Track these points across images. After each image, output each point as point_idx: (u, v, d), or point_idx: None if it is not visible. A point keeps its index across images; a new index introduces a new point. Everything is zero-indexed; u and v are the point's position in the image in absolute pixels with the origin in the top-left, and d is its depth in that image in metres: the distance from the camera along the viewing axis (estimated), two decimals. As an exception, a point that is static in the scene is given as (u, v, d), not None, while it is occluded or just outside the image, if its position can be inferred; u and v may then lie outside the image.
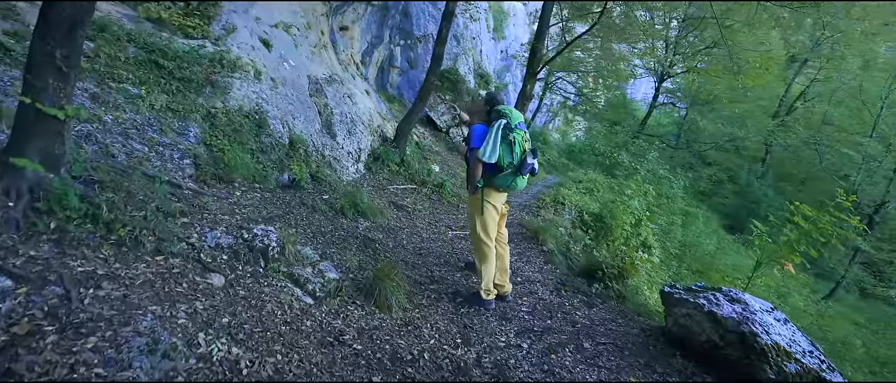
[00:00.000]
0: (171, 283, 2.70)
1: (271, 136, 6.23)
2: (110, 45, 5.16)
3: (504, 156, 3.64)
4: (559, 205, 8.28)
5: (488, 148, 3.60)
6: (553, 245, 5.99)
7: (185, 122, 5.26)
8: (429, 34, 14.77)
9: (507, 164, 3.65)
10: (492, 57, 19.96)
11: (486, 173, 3.76)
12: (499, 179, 3.70)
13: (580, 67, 17.62)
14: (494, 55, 20.59)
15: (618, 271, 4.75)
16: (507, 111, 3.74)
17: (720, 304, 3.05)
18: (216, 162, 5.05)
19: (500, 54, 21.88)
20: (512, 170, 3.66)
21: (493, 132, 3.62)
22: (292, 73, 7.64)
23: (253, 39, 7.07)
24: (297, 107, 7.22)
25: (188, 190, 4.18)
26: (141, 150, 4.36)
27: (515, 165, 3.65)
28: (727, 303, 3.05)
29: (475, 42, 17.09)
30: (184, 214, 3.46)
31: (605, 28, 13.46)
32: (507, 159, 3.65)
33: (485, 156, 3.59)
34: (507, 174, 3.68)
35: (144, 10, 6.28)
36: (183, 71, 5.57)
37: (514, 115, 3.73)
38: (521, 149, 3.68)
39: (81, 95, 4.34)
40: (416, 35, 14.04)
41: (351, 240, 4.74)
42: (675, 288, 3.47)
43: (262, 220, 4.14)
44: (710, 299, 3.13)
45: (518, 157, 3.67)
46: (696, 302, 3.15)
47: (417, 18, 13.89)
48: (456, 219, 7.00)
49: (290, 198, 5.39)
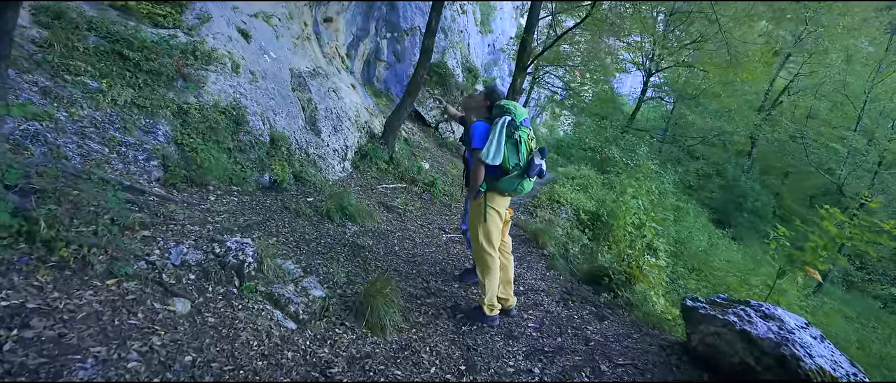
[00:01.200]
0: (124, 314, 2.24)
1: (251, 134, 5.72)
2: (67, 33, 4.59)
3: (509, 156, 3.23)
4: (556, 204, 7.92)
5: (492, 148, 3.18)
6: (553, 248, 5.62)
7: (153, 119, 4.73)
8: (416, 26, 14.24)
9: (512, 166, 3.24)
10: (480, 51, 19.52)
11: (489, 176, 3.35)
12: (503, 183, 3.29)
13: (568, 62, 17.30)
14: (482, 49, 20.14)
15: (625, 277, 4.41)
16: (511, 106, 3.32)
17: (753, 322, 2.71)
18: (188, 163, 4.54)
19: (488, 48, 21.45)
20: (518, 172, 3.26)
21: (497, 130, 3.21)
22: (273, 66, 7.10)
23: (230, 29, 6.52)
24: (278, 103, 6.70)
25: (154, 196, 3.68)
26: (100, 152, 3.84)
27: (522, 167, 3.25)
28: (761, 321, 2.70)
29: (463, 35, 16.62)
30: (145, 226, 2.98)
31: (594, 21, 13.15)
32: (513, 160, 3.24)
33: (488, 157, 3.17)
34: (512, 177, 3.27)
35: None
36: (151, 63, 5.02)
37: (519, 111, 3.32)
38: (527, 148, 3.27)
39: (29, 90, 3.80)
40: (404, 27, 13.50)
41: (338, 247, 4.29)
42: (698, 302, 3.11)
43: (239, 230, 3.67)
44: (741, 316, 2.78)
45: (524, 158, 3.26)
46: (726, 319, 2.80)
47: (404, 10, 13.36)
48: (449, 220, 6.58)
49: (271, 201, 4.91)
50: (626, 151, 13.51)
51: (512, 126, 3.24)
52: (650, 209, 6.90)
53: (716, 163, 18.34)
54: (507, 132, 3.23)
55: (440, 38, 15.20)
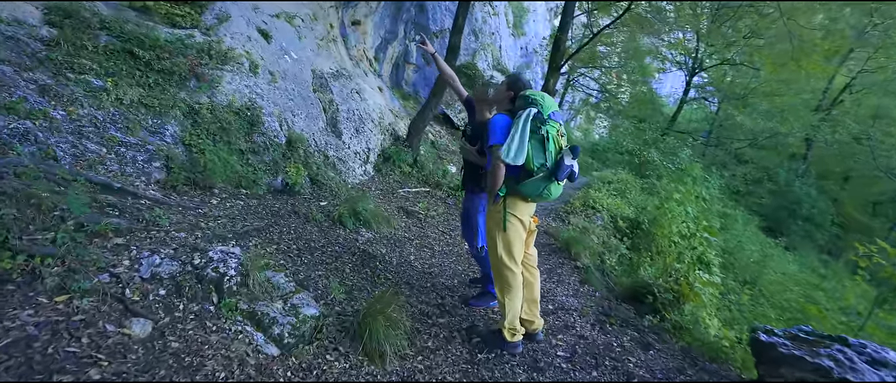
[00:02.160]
0: (64, 339, 1.86)
1: (265, 135, 5.42)
2: (77, 32, 4.41)
3: (533, 155, 2.69)
4: (590, 210, 7.25)
5: (513, 145, 2.66)
6: (588, 259, 4.99)
7: (161, 119, 4.48)
8: (446, 29, 13.82)
9: (537, 166, 2.70)
10: (512, 53, 18.92)
11: (510, 178, 2.83)
12: (526, 186, 2.76)
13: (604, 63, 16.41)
14: (514, 51, 19.53)
15: (673, 295, 3.75)
16: (538, 97, 2.79)
17: (858, 369, 2.05)
18: (194, 165, 4.25)
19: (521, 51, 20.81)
20: (544, 174, 2.72)
21: (520, 124, 2.68)
22: (294, 67, 6.82)
23: (250, 29, 6.28)
24: (298, 104, 6.40)
25: (146, 199, 3.37)
26: (96, 152, 3.58)
27: (549, 168, 2.70)
28: (868, 369, 2.04)
29: (494, 37, 16.10)
30: (120, 233, 2.63)
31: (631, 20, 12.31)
32: (538, 160, 2.70)
33: (509, 156, 2.65)
34: (537, 179, 2.72)
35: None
36: (163, 62, 4.79)
37: (548, 103, 2.78)
38: (556, 146, 2.73)
39: (26, 88, 3.58)
40: (433, 29, 13.13)
41: (346, 256, 3.86)
42: (774, 337, 2.45)
43: (234, 237, 3.29)
44: (839, 360, 2.12)
45: (552, 157, 2.71)
46: (818, 363, 2.14)
47: (433, 12, 13.00)
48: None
49: (280, 205, 4.55)
50: (667, 155, 12.55)
51: (538, 120, 2.70)
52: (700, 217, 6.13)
53: (766, 168, 16.89)
54: (531, 127, 2.69)
55: (470, 41, 14.75)
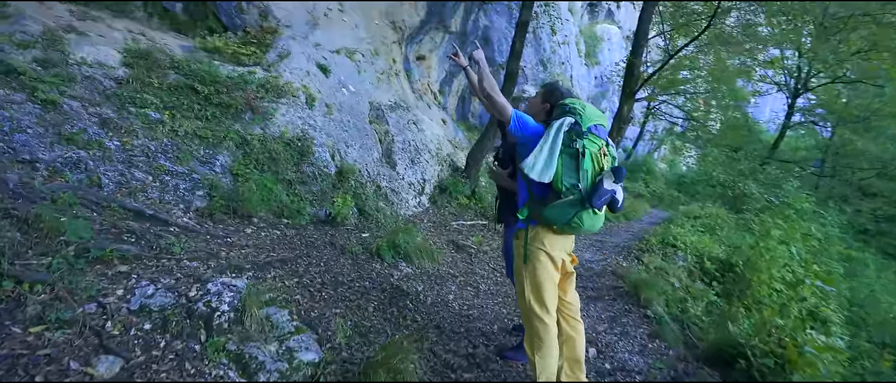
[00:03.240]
0: (15, 378, 1.68)
1: (315, 165, 5.39)
2: (148, 71, 4.73)
3: (563, 173, 2.18)
4: (669, 248, 6.29)
5: (541, 158, 2.16)
6: (662, 307, 4.17)
7: (213, 150, 4.59)
8: (513, 60, 13.59)
9: (567, 187, 2.18)
10: (585, 82, 18.16)
11: (535, 199, 2.33)
12: (552, 211, 2.23)
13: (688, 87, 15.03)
14: (588, 81, 18.75)
15: (774, 361, 2.89)
16: (578, 107, 2.29)
17: None
18: (237, 194, 4.24)
19: (595, 80, 19.95)
20: (575, 197, 2.18)
21: (551, 134, 2.19)
22: (351, 99, 6.88)
23: (309, 65, 6.45)
24: (352, 135, 6.39)
25: (176, 226, 3.33)
26: (141, 180, 3.66)
27: (582, 190, 2.18)
28: None
29: (564, 67, 15.53)
30: (126, 261, 2.53)
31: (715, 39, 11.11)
32: (569, 179, 2.17)
33: (533, 170, 2.15)
34: (565, 203, 2.18)
35: (201, 41, 5.96)
36: (221, 96, 4.98)
37: (589, 113, 2.27)
38: (595, 165, 2.20)
39: (88, 120, 3.81)
40: (499, 62, 12.92)
41: (375, 293, 3.52)
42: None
43: (251, 268, 3.10)
44: None
45: (588, 178, 2.17)
46: None
47: (499, 44, 12.85)
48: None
49: (318, 236, 4.38)
50: (768, 186, 10.89)
51: (574, 132, 2.20)
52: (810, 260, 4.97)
53: (901, 202, 14.04)
54: (565, 139, 2.19)
55: (538, 70, 14.34)
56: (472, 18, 11.78)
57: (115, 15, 5.68)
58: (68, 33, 4.69)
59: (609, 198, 2.19)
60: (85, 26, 5.01)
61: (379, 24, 8.81)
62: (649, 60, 13.52)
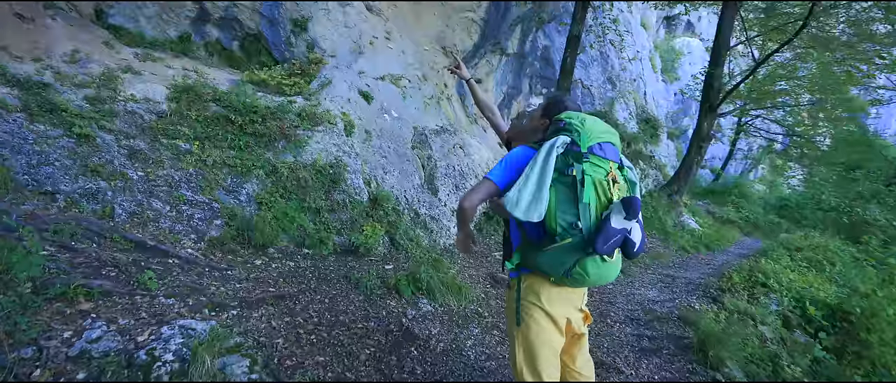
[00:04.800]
0: None
1: (346, 193, 5.18)
2: (189, 105, 4.88)
3: (557, 210, 1.62)
4: (759, 287, 5.14)
5: (525, 192, 1.62)
6: (739, 367, 3.24)
7: (241, 179, 4.55)
8: (577, 80, 12.82)
9: (563, 227, 1.62)
10: (662, 99, 16.69)
11: (529, 244, 1.78)
12: (546, 258, 1.67)
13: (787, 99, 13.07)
14: (665, 97, 17.23)
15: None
16: (575, 121, 1.73)
17: None
18: (257, 223, 4.10)
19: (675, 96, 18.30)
20: (575, 239, 1.61)
21: (539, 160, 1.65)
22: (393, 125, 6.69)
23: (351, 92, 6.38)
24: (391, 161, 6.15)
25: (177, 258, 3.20)
26: (157, 210, 3.63)
27: (583, 231, 1.60)
28: None
29: (636, 84, 14.37)
30: (91, 297, 2.36)
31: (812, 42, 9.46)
32: (566, 216, 1.61)
33: (517, 208, 1.63)
34: (561, 248, 1.63)
35: (249, 74, 6.16)
36: (255, 126, 4.99)
37: (590, 128, 1.69)
38: (600, 196, 1.62)
39: (119, 152, 3.91)
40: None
41: (376, 337, 3.09)
42: None
43: (238, 305, 2.84)
44: None
45: (591, 215, 1.61)
46: None
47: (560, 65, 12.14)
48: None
49: (335, 268, 4.08)
50: (899, 211, 8.87)
51: (571, 154, 1.65)
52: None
53: None
54: (558, 164, 1.65)
55: (606, 89, 13.36)
56: (530, 39, 11.29)
57: (175, 55, 6.05)
58: (125, 73, 4.99)
59: (619, 241, 1.58)
60: (143, 66, 5.34)
61: (428, 50, 8.67)
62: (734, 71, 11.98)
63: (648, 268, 6.40)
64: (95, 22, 5.76)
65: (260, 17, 6.60)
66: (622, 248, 1.65)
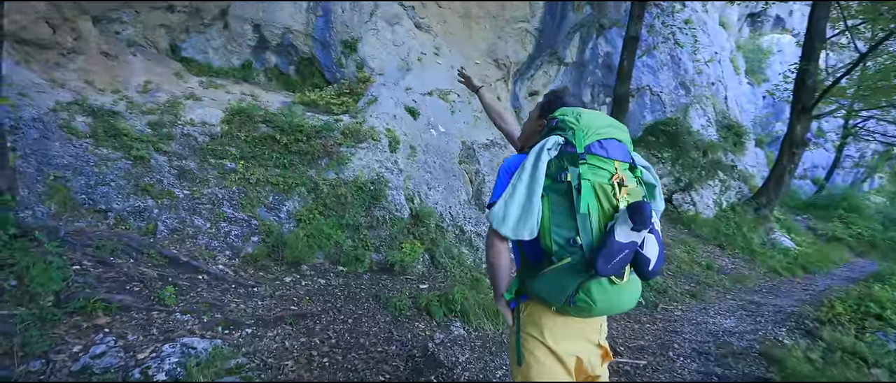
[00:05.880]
0: None
1: (386, 209, 5.09)
2: (240, 126, 5.11)
3: (552, 224, 1.32)
4: (868, 320, 4.22)
5: (513, 204, 1.35)
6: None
7: (283, 196, 4.64)
8: (644, 87, 11.96)
9: (560, 245, 1.30)
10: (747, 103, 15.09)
11: (527, 266, 1.48)
12: (543, 283, 1.36)
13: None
14: (752, 101, 15.56)
15: None
16: (570, 119, 1.40)
17: None
18: (290, 241, 4.12)
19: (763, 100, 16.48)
20: (574, 260, 1.29)
21: (527, 167, 1.37)
22: (440, 140, 6.57)
23: (397, 109, 6.37)
24: (436, 176, 6.00)
25: (207, 274, 3.25)
26: (197, 227, 3.76)
27: (584, 248, 1.28)
28: None
29: (715, 88, 13.10)
30: (109, 312, 2.41)
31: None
32: (562, 231, 1.30)
33: (504, 224, 1.36)
34: (559, 270, 1.31)
35: (300, 96, 6.38)
36: (300, 144, 5.11)
37: (587, 124, 1.37)
38: (602, 204, 1.29)
39: (169, 172, 4.14)
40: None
41: (394, 363, 2.88)
42: None
43: (255, 323, 2.78)
44: None
45: (593, 229, 1.28)
46: None
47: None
48: (634, 331, 4.18)
49: (367, 287, 3.96)
50: None
51: (565, 156, 1.35)
52: None
53: None
54: (551, 170, 1.35)
55: (679, 94, 12.29)
56: (590, 46, 10.73)
57: (236, 82, 6.45)
58: (187, 99, 5.37)
59: (627, 257, 1.25)
60: (205, 93, 5.72)
61: (480, 64, 8.52)
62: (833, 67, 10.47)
63: (728, 292, 5.58)
64: (170, 55, 6.30)
65: (313, 40, 6.87)
66: (634, 267, 1.31)
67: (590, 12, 10.37)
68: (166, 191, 3.89)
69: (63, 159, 3.57)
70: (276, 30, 6.67)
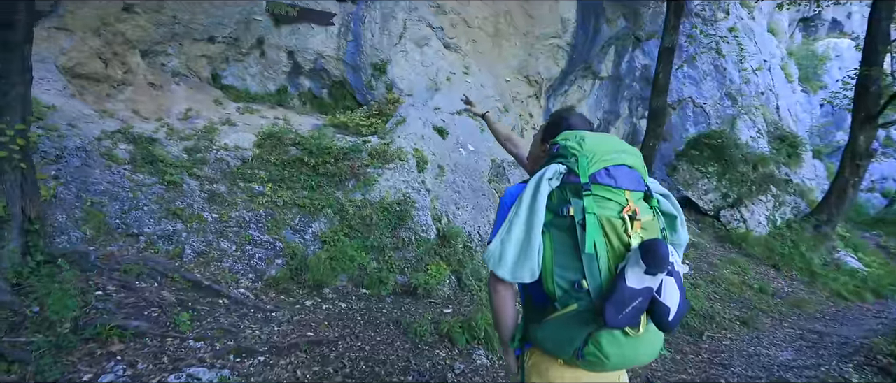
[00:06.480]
0: None
1: (413, 230, 4.99)
2: (272, 149, 5.21)
3: (554, 266, 1.14)
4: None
5: (510, 243, 1.17)
6: None
7: (310, 217, 4.64)
8: (687, 98, 11.38)
9: (564, 290, 1.12)
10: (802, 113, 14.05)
11: (532, 310, 1.30)
12: (547, 332, 1.17)
13: None
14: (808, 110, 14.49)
15: None
16: (572, 144, 1.21)
17: None
18: (312, 263, 4.08)
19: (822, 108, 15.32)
20: (581, 306, 1.09)
21: (524, 199, 1.19)
22: (469, 159, 6.44)
23: (426, 129, 6.32)
24: (465, 196, 5.86)
25: (227, 298, 3.24)
26: (223, 250, 3.80)
27: (591, 292, 1.08)
28: None
29: (765, 97, 12.27)
30: (124, 339, 2.41)
31: None
32: (566, 274, 1.12)
33: (501, 265, 1.18)
34: (564, 319, 1.12)
35: (330, 118, 6.47)
36: (327, 166, 5.13)
37: (591, 148, 1.18)
38: (611, 243, 1.10)
39: (200, 195, 4.23)
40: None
41: (410, 395, 2.72)
42: None
43: (268, 350, 2.72)
44: None
45: (601, 271, 1.08)
46: None
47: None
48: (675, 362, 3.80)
49: (389, 311, 3.84)
50: None
51: (569, 187, 1.17)
52: None
53: None
54: (553, 203, 1.18)
55: (725, 106, 11.59)
56: (626, 59, 10.36)
57: (271, 106, 6.64)
58: (223, 125, 5.55)
59: (641, 305, 1.05)
60: (241, 118, 5.91)
61: (510, 81, 8.39)
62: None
63: (784, 320, 5.04)
64: (211, 83, 6.58)
65: (344, 64, 6.99)
66: (651, 316, 1.10)
67: (625, 25, 10.04)
68: (196, 214, 3.96)
69: (101, 185, 3.71)
70: (309, 55, 6.84)
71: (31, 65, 2.55)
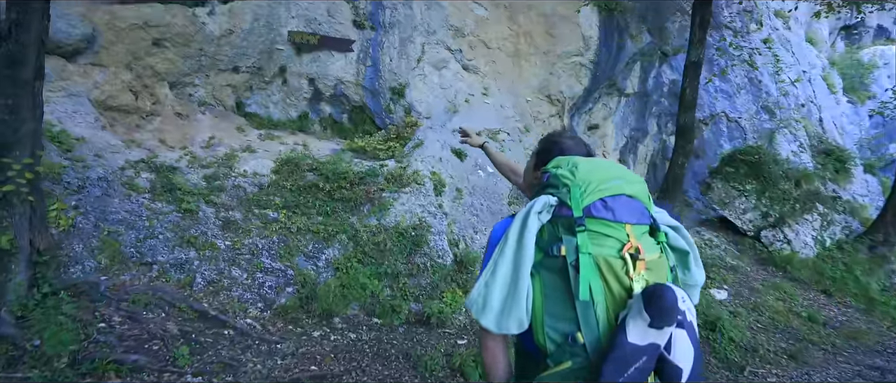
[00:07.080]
0: None
1: (428, 256, 4.84)
2: (289, 175, 5.22)
3: (545, 315, 0.97)
4: None
5: (494, 288, 1.00)
6: None
7: (323, 244, 4.57)
8: (720, 113, 10.90)
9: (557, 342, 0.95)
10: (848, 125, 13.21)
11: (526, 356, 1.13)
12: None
13: None
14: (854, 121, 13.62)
15: None
16: (564, 173, 1.05)
17: None
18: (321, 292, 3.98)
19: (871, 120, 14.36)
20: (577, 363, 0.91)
21: (510, 238, 1.03)
22: (488, 181, 6.28)
23: (444, 151, 6.23)
24: (483, 219, 5.69)
25: (234, 329, 3.17)
26: (234, 279, 3.76)
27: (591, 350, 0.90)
28: None
29: (806, 110, 11.61)
30: (122, 373, 2.35)
31: None
32: (559, 324, 0.95)
33: (484, 313, 1.01)
34: (560, 376, 0.93)
35: (348, 143, 6.49)
36: (343, 191, 5.09)
37: (589, 179, 1.01)
38: (613, 285, 0.92)
39: (215, 223, 4.25)
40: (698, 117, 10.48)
41: (413, 439, 2.53)
42: None
43: (265, 387, 2.61)
44: None
45: (599, 321, 0.90)
46: None
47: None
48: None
49: (400, 343, 3.67)
50: None
51: (561, 222, 1.00)
52: None
53: None
54: (543, 240, 1.01)
55: (762, 119, 11.01)
56: (653, 75, 10.03)
57: (292, 132, 6.73)
58: (244, 152, 5.63)
59: (647, 366, 0.86)
60: (261, 145, 5.99)
61: (531, 101, 8.23)
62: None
63: (838, 353, 4.54)
64: (235, 112, 6.75)
65: (363, 89, 7.04)
66: (659, 377, 0.91)
67: (650, 40, 9.77)
68: (209, 242, 3.96)
69: (119, 214, 3.78)
70: (329, 82, 6.93)
71: (41, 100, 2.63)
